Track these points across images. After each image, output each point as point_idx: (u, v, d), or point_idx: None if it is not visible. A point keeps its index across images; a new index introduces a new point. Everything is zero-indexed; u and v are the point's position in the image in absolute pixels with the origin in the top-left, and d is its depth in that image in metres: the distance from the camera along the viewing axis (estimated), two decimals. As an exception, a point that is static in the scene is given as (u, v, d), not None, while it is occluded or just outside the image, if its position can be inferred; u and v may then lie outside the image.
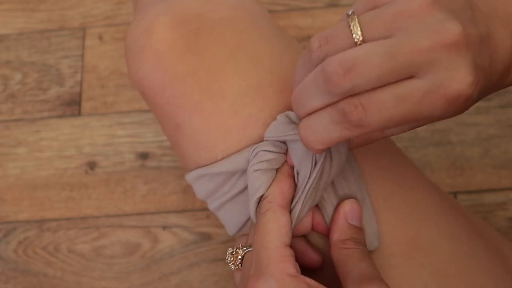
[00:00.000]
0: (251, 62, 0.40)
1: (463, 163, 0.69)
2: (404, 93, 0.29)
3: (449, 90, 0.28)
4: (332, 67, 0.29)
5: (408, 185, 0.39)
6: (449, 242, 0.38)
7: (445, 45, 0.28)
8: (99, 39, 0.80)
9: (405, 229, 0.38)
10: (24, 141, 0.75)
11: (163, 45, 0.39)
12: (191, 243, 0.67)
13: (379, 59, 0.28)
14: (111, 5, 0.83)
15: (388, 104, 0.29)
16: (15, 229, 0.70)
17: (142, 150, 0.73)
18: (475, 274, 0.38)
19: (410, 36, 0.29)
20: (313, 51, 0.31)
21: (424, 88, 0.29)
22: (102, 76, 0.78)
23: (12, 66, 0.80)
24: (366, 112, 0.29)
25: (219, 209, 0.41)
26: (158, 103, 0.41)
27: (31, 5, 0.84)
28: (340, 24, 0.30)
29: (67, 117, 0.76)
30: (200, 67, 0.39)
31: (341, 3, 0.80)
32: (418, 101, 0.29)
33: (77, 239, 0.69)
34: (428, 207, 0.39)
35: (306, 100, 0.31)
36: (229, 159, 0.39)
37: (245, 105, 0.39)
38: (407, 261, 0.37)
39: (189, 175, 0.42)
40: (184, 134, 0.40)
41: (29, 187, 0.72)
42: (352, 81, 0.28)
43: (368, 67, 0.28)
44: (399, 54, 0.28)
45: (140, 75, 0.40)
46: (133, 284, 0.66)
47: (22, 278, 0.67)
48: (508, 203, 0.67)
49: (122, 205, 0.70)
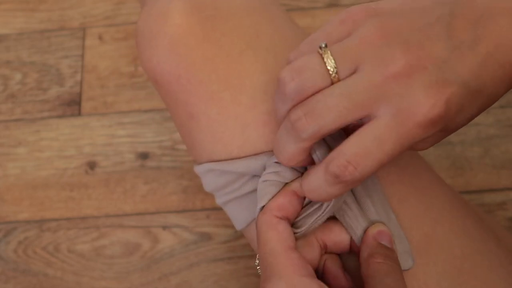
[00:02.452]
0: (269, 54, 0.39)
1: (463, 163, 0.69)
2: (380, 134, 0.29)
3: (413, 117, 0.29)
4: (295, 114, 0.30)
5: (422, 185, 0.39)
6: (462, 239, 0.38)
7: (394, 77, 0.29)
8: (99, 39, 0.80)
9: (420, 226, 0.37)
10: (24, 141, 0.75)
11: (179, 31, 0.38)
12: (191, 243, 0.67)
13: (335, 99, 0.30)
14: (111, 5, 0.83)
15: (372, 150, 0.30)
16: (15, 229, 0.70)
17: (142, 150, 0.73)
18: (488, 271, 0.37)
19: (364, 72, 0.30)
20: (286, 84, 0.31)
21: (393, 122, 0.29)
22: (102, 76, 0.78)
23: (12, 66, 0.80)
24: (356, 168, 0.30)
25: (226, 204, 0.41)
26: (172, 91, 0.39)
27: (31, 5, 0.84)
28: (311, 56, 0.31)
29: (67, 117, 0.76)
30: (218, 55, 0.38)
31: (341, 3, 0.80)
32: (396, 136, 0.29)
33: (77, 239, 0.69)
34: (442, 205, 0.39)
35: (282, 147, 0.32)
36: (243, 161, 0.38)
37: (263, 100, 0.38)
38: (422, 258, 0.36)
39: (199, 167, 0.40)
40: (199, 124, 0.39)
41: (29, 187, 0.72)
42: (315, 123, 0.30)
43: (326, 108, 0.30)
44: (354, 93, 0.29)
45: (153, 62, 0.39)
46: (133, 284, 0.66)
47: (22, 278, 0.67)
48: (508, 203, 0.67)
49: (122, 205, 0.70)
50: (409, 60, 0.29)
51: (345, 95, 0.30)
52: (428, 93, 0.29)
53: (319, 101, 0.30)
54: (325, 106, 0.30)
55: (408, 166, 0.39)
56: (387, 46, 0.30)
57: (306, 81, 0.30)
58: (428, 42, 0.30)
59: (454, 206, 0.39)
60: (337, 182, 0.30)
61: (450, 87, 0.29)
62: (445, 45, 0.30)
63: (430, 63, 0.29)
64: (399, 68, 0.29)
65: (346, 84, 0.30)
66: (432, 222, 0.37)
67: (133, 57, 0.79)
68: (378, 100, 0.29)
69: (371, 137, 0.30)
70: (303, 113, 0.30)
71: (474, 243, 0.38)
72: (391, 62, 0.29)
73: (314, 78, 0.30)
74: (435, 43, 0.30)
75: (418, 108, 0.29)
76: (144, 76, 0.77)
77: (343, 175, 0.30)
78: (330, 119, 0.30)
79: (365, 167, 0.30)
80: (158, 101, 0.75)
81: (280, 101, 0.32)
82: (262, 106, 0.38)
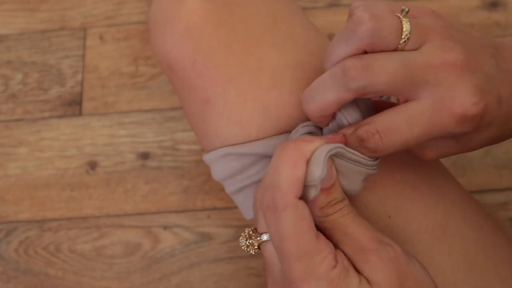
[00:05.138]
0: (288, 40, 0.38)
1: (464, 163, 0.69)
2: (415, 115, 0.31)
3: (453, 108, 0.30)
4: (351, 62, 0.30)
5: (434, 175, 0.39)
6: (475, 232, 0.38)
7: (450, 64, 0.31)
8: (100, 39, 0.80)
9: (434, 216, 0.37)
10: (25, 141, 0.75)
11: (195, 17, 0.38)
12: (192, 243, 0.67)
13: (395, 64, 0.30)
14: (112, 5, 0.83)
15: (402, 128, 0.31)
16: (16, 229, 0.70)
17: (143, 150, 0.73)
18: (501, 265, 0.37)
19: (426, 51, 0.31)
20: (362, 23, 0.31)
21: (431, 107, 0.31)
22: (103, 76, 0.78)
23: (13, 66, 0.80)
24: (382, 139, 0.31)
25: (239, 191, 0.39)
26: (186, 77, 0.38)
27: (32, 5, 0.84)
28: (390, 14, 0.31)
29: (68, 117, 0.76)
30: (235, 40, 0.37)
31: (341, 3, 0.80)
32: (428, 122, 0.31)
33: (78, 239, 0.69)
34: (454, 198, 0.39)
35: (318, 94, 0.32)
36: (264, 140, 0.36)
37: (284, 81, 0.37)
38: (436, 247, 0.36)
39: (211, 154, 0.39)
40: (215, 109, 0.38)
41: (30, 187, 0.72)
42: (368, 78, 0.30)
43: (384, 68, 0.30)
44: (412, 65, 0.31)
45: (168, 47, 0.38)
46: (134, 284, 0.66)
47: (23, 278, 0.67)
48: (509, 203, 0.67)
49: (123, 205, 0.70)
50: (467, 57, 0.31)
51: (405, 64, 0.30)
52: (474, 91, 0.30)
53: (379, 59, 0.30)
54: (384, 66, 0.30)
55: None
56: (450, 40, 0.32)
57: (383, 29, 0.31)
58: (481, 56, 0.32)
59: (465, 200, 0.39)
60: (359, 146, 0.31)
61: (491, 97, 0.31)
62: (492, 65, 0.32)
63: (481, 70, 0.31)
64: (458, 59, 0.31)
65: (408, 55, 0.31)
66: (445, 212, 0.37)
67: (134, 57, 0.79)
68: (427, 82, 0.31)
69: (405, 116, 0.31)
70: (360, 63, 0.30)
71: (486, 237, 0.38)
72: (453, 52, 0.31)
73: (389, 31, 0.31)
74: (486, 59, 0.32)
75: (461, 100, 0.30)
76: (145, 76, 0.77)
77: (368, 140, 0.31)
78: (383, 80, 0.30)
79: (390, 141, 0.31)
80: (158, 101, 0.75)
81: (344, 39, 0.32)
82: (283, 86, 0.37)
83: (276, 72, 0.37)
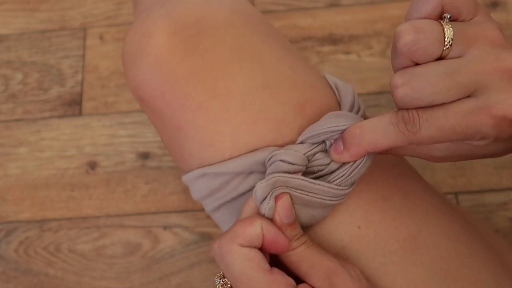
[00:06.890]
0: (255, 63, 0.39)
1: (464, 163, 0.69)
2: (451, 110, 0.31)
3: (495, 109, 0.30)
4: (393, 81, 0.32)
5: (407, 188, 0.39)
6: (449, 240, 0.38)
7: (502, 70, 0.31)
8: (100, 39, 0.80)
9: (405, 227, 0.37)
10: (25, 141, 0.75)
11: (162, 50, 0.39)
12: (192, 243, 0.67)
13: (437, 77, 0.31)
14: (112, 5, 0.83)
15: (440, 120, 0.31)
16: (16, 229, 0.70)
17: (143, 150, 0.73)
18: (476, 272, 0.38)
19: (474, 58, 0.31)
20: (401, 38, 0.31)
21: (472, 105, 0.31)
22: (103, 76, 0.78)
23: (13, 66, 0.80)
24: (421, 125, 0.31)
25: (218, 209, 0.41)
26: (158, 107, 0.40)
27: (32, 5, 0.84)
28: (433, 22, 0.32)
29: (68, 117, 0.76)
30: (202, 68, 0.39)
31: (341, 3, 0.80)
32: (465, 115, 0.31)
33: (78, 239, 0.69)
34: (427, 207, 0.39)
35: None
36: (237, 159, 0.38)
37: (253, 102, 0.38)
38: (408, 258, 0.37)
39: (189, 175, 0.41)
40: (187, 135, 0.39)
41: (30, 187, 0.72)
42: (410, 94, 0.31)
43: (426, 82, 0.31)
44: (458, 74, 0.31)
45: (138, 80, 0.40)
46: (134, 284, 0.66)
47: (23, 277, 0.67)
48: (509, 203, 0.67)
49: (123, 205, 0.70)
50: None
51: (449, 75, 0.31)
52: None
53: (420, 74, 0.31)
54: (426, 80, 0.31)
55: (393, 168, 0.40)
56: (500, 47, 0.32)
57: (421, 40, 0.31)
58: None
59: (439, 209, 0.40)
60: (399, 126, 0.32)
61: None
62: None
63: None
64: (510, 66, 0.31)
65: (451, 65, 0.31)
66: (417, 223, 0.38)
67: (134, 57, 0.79)
68: (477, 88, 0.31)
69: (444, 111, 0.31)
70: (401, 81, 0.31)
71: (460, 244, 0.38)
72: (504, 58, 0.31)
73: (429, 41, 0.31)
74: None
75: (504, 103, 0.30)
76: (145, 76, 0.77)
77: (408, 121, 0.31)
78: (426, 94, 0.31)
79: (428, 130, 0.31)
80: (159, 101, 0.75)
81: (393, 54, 0.33)
82: (252, 107, 0.38)
83: (244, 96, 0.38)
